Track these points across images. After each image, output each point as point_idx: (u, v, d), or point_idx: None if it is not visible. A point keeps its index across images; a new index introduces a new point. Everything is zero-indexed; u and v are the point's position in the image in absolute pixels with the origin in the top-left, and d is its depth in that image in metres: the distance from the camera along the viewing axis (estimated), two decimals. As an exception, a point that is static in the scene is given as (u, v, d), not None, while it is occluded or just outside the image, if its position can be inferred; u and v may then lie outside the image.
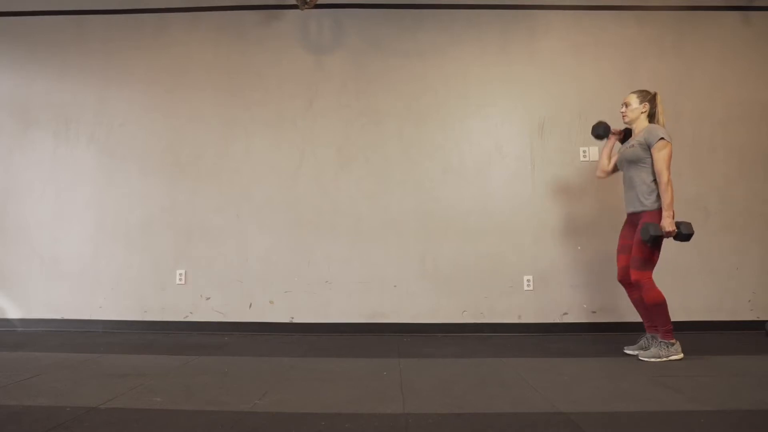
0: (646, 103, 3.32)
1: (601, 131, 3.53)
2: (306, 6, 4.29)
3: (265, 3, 4.60)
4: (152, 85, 4.61)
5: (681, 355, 3.19)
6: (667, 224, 3.09)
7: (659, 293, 3.18)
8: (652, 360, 3.17)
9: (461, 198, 4.35)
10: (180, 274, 4.39)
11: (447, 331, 4.22)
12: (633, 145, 3.28)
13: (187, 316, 4.35)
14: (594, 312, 4.22)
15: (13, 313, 4.51)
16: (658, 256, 3.20)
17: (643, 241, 3.15)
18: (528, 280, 4.26)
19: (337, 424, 1.99)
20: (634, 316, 4.19)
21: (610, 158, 3.58)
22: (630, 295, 3.40)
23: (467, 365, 3.06)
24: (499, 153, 4.39)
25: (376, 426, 1.97)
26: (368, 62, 4.51)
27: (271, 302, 4.33)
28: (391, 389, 2.51)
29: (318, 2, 4.33)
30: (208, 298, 4.35)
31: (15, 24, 4.78)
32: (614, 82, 4.39)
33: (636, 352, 3.34)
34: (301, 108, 4.49)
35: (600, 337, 4.04)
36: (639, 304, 3.37)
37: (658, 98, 3.33)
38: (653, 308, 3.19)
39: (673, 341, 3.20)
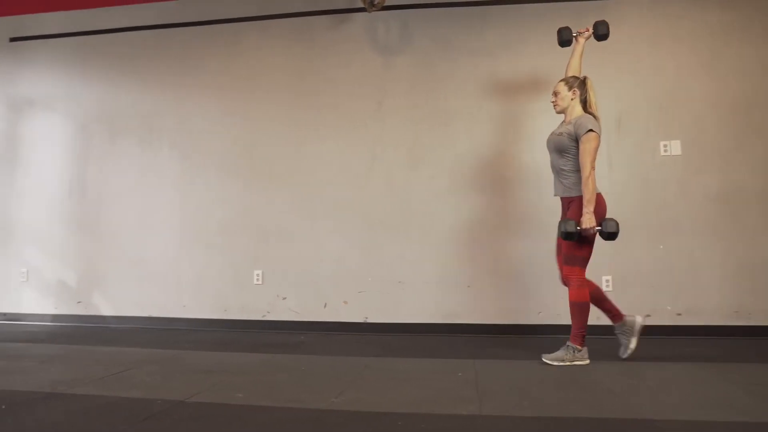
0: (575, 89, 3.21)
1: (564, 36, 3.52)
2: (373, 8, 4.33)
3: (334, 7, 4.67)
4: (227, 92, 4.79)
5: (587, 361, 3.06)
6: (586, 221, 2.98)
7: (585, 294, 3.08)
8: (555, 363, 3.06)
9: (535, 197, 4.25)
10: (257, 275, 4.54)
11: (522, 332, 4.14)
12: (561, 134, 3.17)
13: (264, 315, 4.50)
14: (679, 314, 4.02)
15: (107, 310, 4.82)
16: (588, 252, 3.10)
17: (559, 236, 3.06)
18: (607, 281, 4.11)
19: (414, 423, 2.00)
20: (722, 320, 3.96)
21: (581, 60, 3.47)
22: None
23: (544, 368, 2.99)
24: (574, 149, 4.26)
25: (452, 427, 1.96)
26: (436, 62, 4.49)
27: (345, 302, 4.40)
28: (467, 390, 2.49)
29: (385, 4, 4.36)
30: (284, 298, 4.48)
31: (103, 41, 5.09)
32: (695, 71, 4.17)
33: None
34: (370, 109, 4.54)
35: (686, 341, 3.85)
36: (597, 296, 3.24)
37: (588, 83, 3.23)
38: (573, 306, 3.08)
39: (581, 347, 3.07)
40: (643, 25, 4.28)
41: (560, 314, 4.12)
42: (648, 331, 3.98)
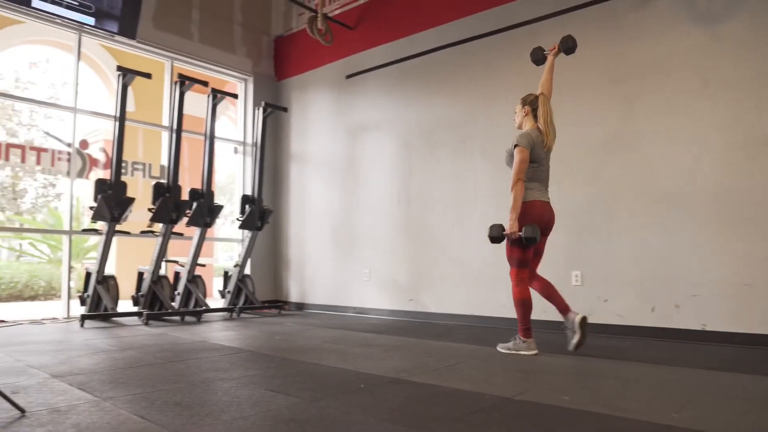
0: (527, 107, 3.59)
1: (535, 56, 3.82)
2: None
3: (644, -16, 4.28)
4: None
5: (534, 352, 3.36)
6: (508, 226, 3.36)
7: (522, 291, 3.42)
8: (504, 351, 3.48)
9: None
10: (576, 275, 4.40)
11: None
12: (507, 150, 3.55)
13: (584, 318, 4.33)
14: None
15: (434, 307, 5.27)
16: (522, 254, 3.40)
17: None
18: None
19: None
20: None
21: (551, 76, 3.69)
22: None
23: None
24: None
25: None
26: (784, 20, 3.72)
27: (677, 306, 3.96)
28: None
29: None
30: (605, 300, 4.25)
31: (418, 64, 5.63)
32: None
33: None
34: (694, 89, 4.00)
35: None
36: (544, 293, 3.54)
37: (541, 98, 3.54)
38: (514, 303, 3.45)
39: (525, 340, 3.41)
40: None
41: None
42: None
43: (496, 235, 3.44)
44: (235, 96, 6.57)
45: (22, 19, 5.63)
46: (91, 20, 5.50)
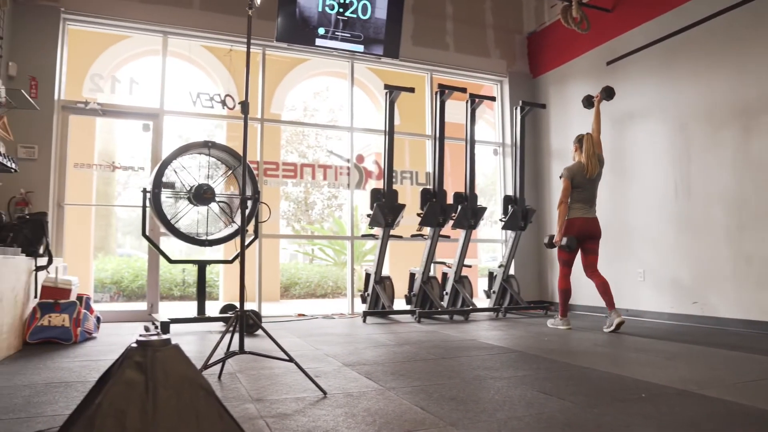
0: (576, 144, 4.76)
1: (585, 103, 5.26)
2: None
3: None
4: None
5: (567, 327, 4.61)
6: (555, 236, 4.67)
7: (560, 283, 4.72)
8: (550, 326, 4.70)
9: None
10: None
11: None
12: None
13: None
14: None
15: (726, 312, 4.58)
16: (567, 257, 4.66)
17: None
18: None
19: None
20: None
21: (598, 119, 4.98)
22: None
23: None
24: None
25: None
26: None
27: None
28: None
29: None
30: None
31: (686, 39, 4.98)
32: None
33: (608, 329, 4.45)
34: None
35: None
36: (599, 289, 4.54)
37: (586, 137, 4.68)
38: (558, 292, 4.72)
39: (562, 318, 4.66)
40: None
41: None
42: None
43: (547, 242, 4.77)
44: (493, 99, 6.65)
45: (307, 57, 6.64)
46: (360, 48, 6.13)
